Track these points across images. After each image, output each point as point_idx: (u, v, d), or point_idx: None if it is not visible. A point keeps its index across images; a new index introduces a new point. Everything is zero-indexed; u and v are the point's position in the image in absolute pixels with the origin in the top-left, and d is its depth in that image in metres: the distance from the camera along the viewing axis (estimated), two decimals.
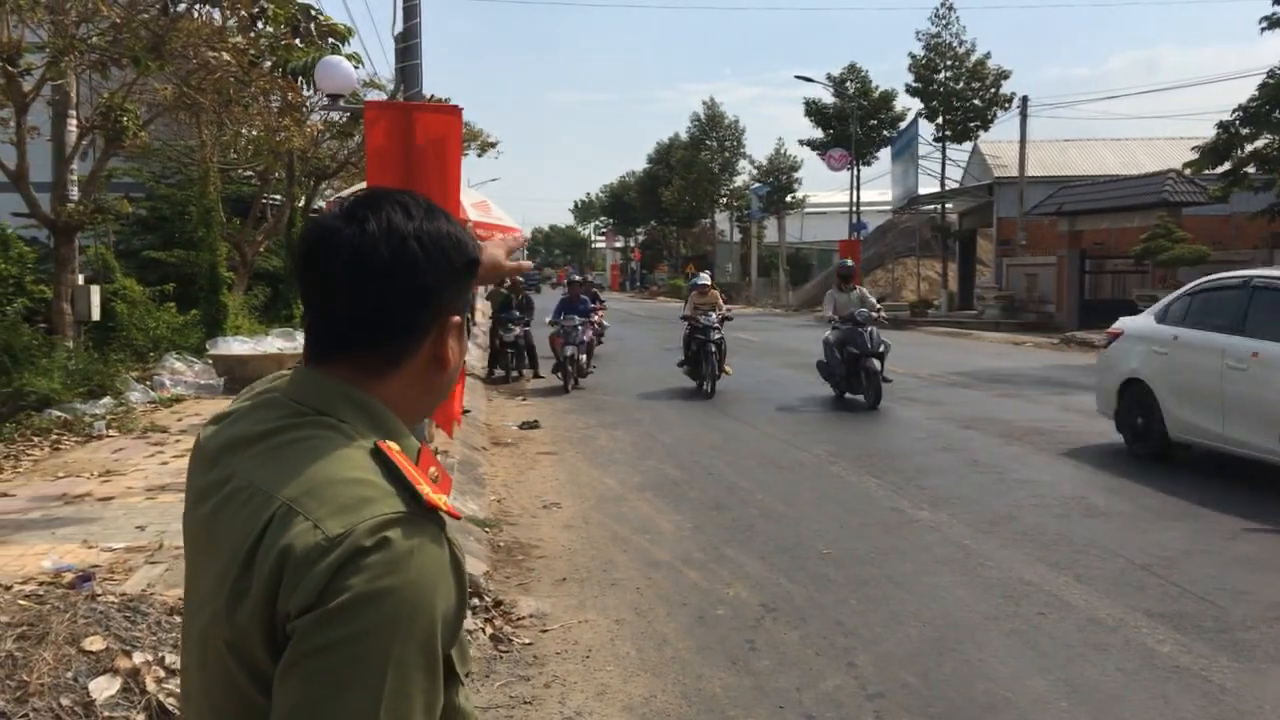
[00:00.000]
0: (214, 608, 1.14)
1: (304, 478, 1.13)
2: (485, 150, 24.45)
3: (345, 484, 1.12)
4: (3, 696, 3.54)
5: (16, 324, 11.71)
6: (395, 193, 1.27)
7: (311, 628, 1.05)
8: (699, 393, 14.78)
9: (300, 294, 1.30)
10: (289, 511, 1.11)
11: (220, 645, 1.13)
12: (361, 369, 1.24)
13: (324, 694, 1.04)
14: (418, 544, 1.10)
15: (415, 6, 9.04)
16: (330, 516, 1.09)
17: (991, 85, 37.61)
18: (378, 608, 1.05)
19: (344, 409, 1.22)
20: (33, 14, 10.66)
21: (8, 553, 5.76)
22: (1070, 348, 24.13)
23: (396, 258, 1.21)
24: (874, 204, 53.03)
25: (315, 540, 1.07)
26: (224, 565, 1.14)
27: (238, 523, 1.15)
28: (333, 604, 1.05)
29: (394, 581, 1.07)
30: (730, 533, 7.28)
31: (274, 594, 1.08)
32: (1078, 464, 9.55)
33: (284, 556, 1.08)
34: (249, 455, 1.21)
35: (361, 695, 1.04)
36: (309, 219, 2.98)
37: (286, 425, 1.21)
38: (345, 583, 1.05)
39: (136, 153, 15.79)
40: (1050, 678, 4.64)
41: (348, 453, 1.17)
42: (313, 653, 1.05)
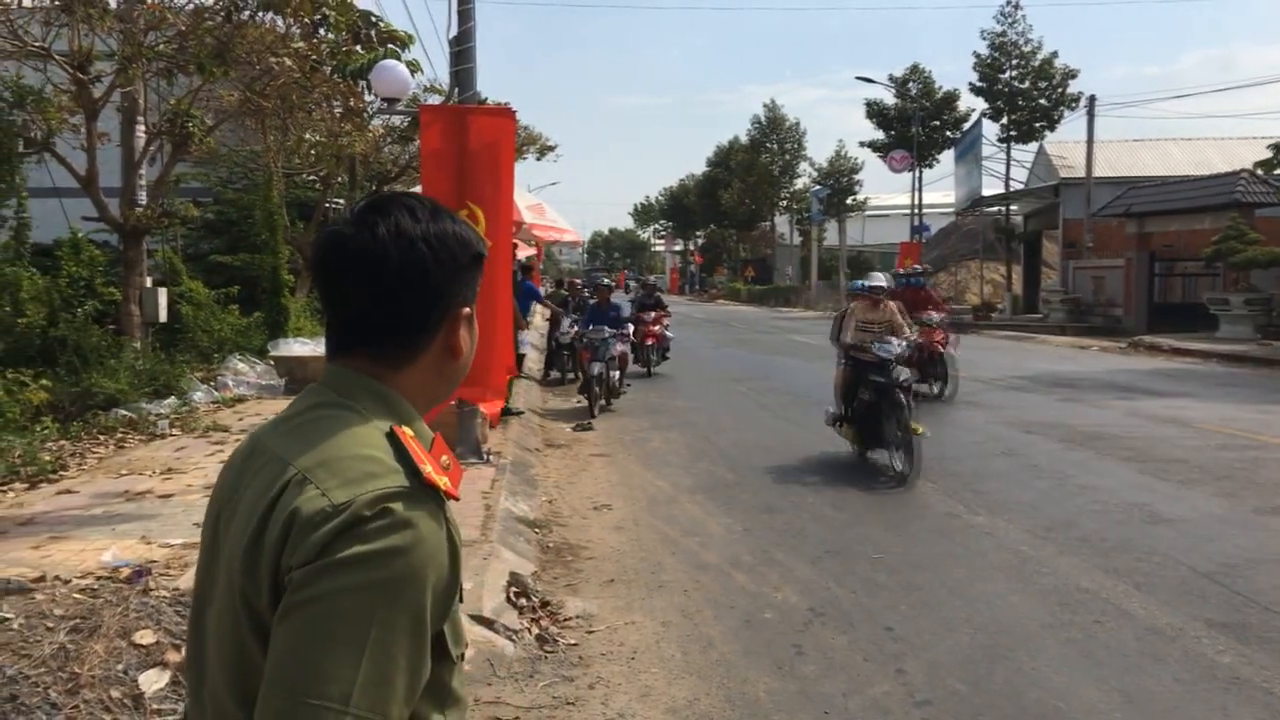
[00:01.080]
0: (234, 565, 1.22)
1: (319, 450, 1.23)
2: (544, 154, 24.53)
3: (355, 459, 1.22)
4: (55, 688, 3.63)
5: (87, 325, 12.01)
6: (402, 196, 1.35)
7: (305, 579, 1.13)
8: (863, 467, 9.67)
9: (319, 296, 1.40)
10: (303, 479, 1.20)
11: (237, 601, 1.21)
12: (380, 361, 1.34)
13: (312, 642, 1.11)
14: (415, 517, 1.18)
15: (470, 10, 9.12)
16: (338, 487, 1.18)
17: (1058, 84, 36.96)
18: (370, 569, 1.13)
19: (363, 397, 1.31)
20: (103, 23, 10.93)
21: (69, 547, 5.90)
22: (1138, 352, 23.62)
23: (406, 260, 1.30)
24: (936, 206, 52.38)
25: (321, 506, 1.16)
26: (243, 524, 1.23)
27: (258, 486, 1.25)
28: (327, 560, 1.13)
29: (388, 547, 1.15)
30: (780, 536, 7.22)
31: (279, 553, 1.17)
32: (1141, 470, 9.32)
33: (291, 519, 1.17)
34: (278, 433, 1.33)
35: (347, 647, 1.11)
36: (322, 226, 3.06)
37: (312, 407, 1.33)
38: (343, 544, 1.14)
39: (203, 158, 16.13)
40: (1105, 687, 4.52)
41: (362, 432, 1.26)
42: (304, 603, 1.13)
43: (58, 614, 4.12)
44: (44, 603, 4.29)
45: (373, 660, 1.11)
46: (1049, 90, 37.08)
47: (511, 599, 5.60)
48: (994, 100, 37.61)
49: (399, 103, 10.68)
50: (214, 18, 11.50)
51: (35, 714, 3.46)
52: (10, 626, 3.98)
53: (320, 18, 12.64)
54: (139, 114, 12.93)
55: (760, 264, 68.72)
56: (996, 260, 42.62)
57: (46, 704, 3.52)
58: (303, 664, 1.10)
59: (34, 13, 11.16)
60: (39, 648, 3.83)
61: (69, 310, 12.12)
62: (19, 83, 11.35)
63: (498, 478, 8.43)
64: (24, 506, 7.14)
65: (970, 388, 15.70)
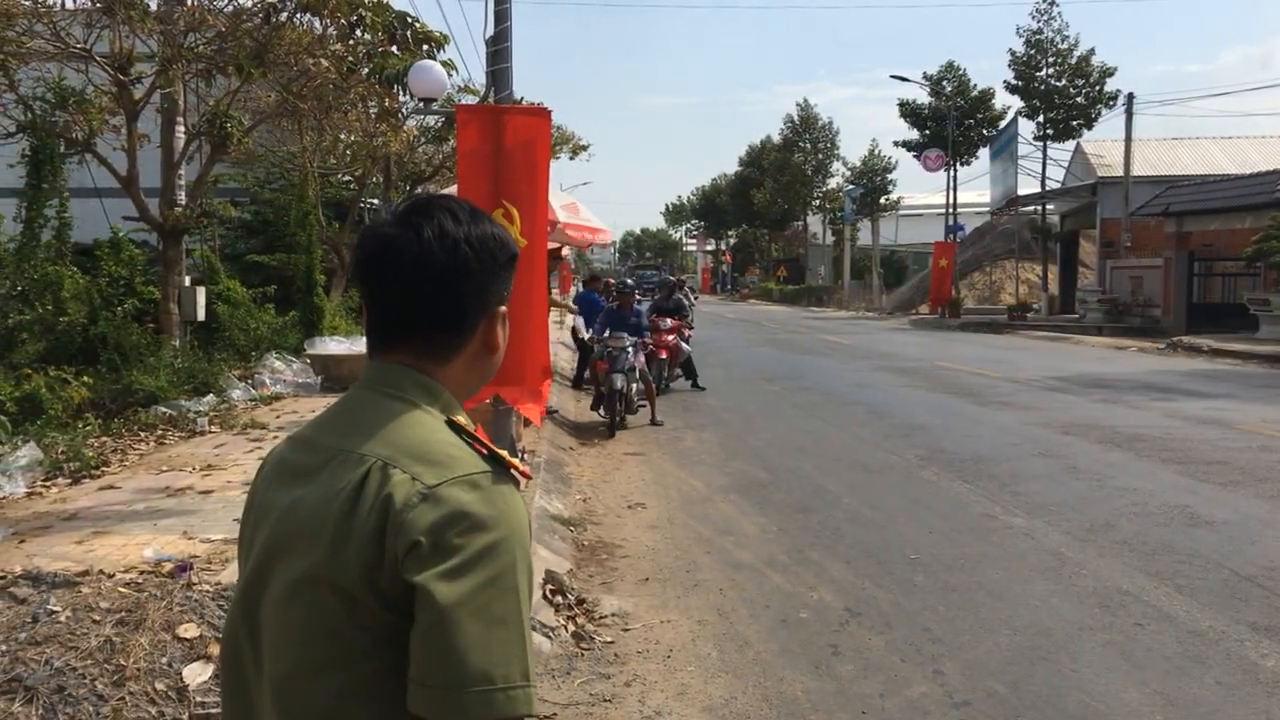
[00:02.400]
0: (313, 559, 1.26)
1: (391, 439, 1.30)
2: (577, 153, 24.62)
3: (432, 444, 1.29)
4: (101, 679, 3.68)
5: (126, 324, 12.16)
6: (442, 199, 1.42)
7: (433, 574, 1.20)
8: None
9: (361, 294, 1.45)
10: (384, 467, 1.26)
11: (322, 591, 1.25)
12: (423, 357, 1.40)
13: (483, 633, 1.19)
14: (509, 492, 1.28)
15: (506, 10, 9.14)
16: (426, 471, 1.25)
17: (1095, 82, 36.50)
18: (504, 552, 1.23)
19: (411, 388, 1.37)
20: (143, 24, 11.07)
21: (111, 542, 5.98)
22: (1177, 353, 23.33)
23: (451, 261, 1.36)
24: (972, 205, 51.94)
25: (415, 489, 1.23)
26: (319, 520, 1.27)
27: (329, 482, 1.29)
28: (454, 559, 1.20)
29: (498, 532, 1.23)
30: (816, 536, 7.20)
31: (379, 539, 1.22)
32: (1181, 472, 9.21)
33: (387, 504, 1.23)
34: (333, 429, 1.38)
35: (508, 628, 1.21)
36: (364, 227, 3.04)
37: (365, 401, 1.38)
38: (453, 531, 1.21)
39: (241, 159, 16.30)
40: (1146, 690, 4.48)
41: (426, 420, 1.34)
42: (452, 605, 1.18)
43: (104, 607, 4.18)
44: (90, 596, 4.35)
45: (523, 633, 1.22)
46: (1086, 88, 36.64)
47: (547, 596, 5.62)
48: (1030, 98, 37.21)
49: (435, 102, 10.73)
50: (252, 19, 11.62)
51: (82, 705, 3.51)
52: (58, 619, 4.04)
53: (356, 19, 12.74)
54: (178, 115, 13.08)
55: (792, 264, 68.47)
56: (1032, 260, 42.20)
57: (93, 695, 3.57)
58: (481, 655, 1.18)
59: (76, 15, 11.32)
60: (85, 640, 3.89)
61: (109, 309, 12.28)
62: (61, 84, 11.54)
63: (532, 476, 8.45)
64: (67, 502, 7.25)
65: (1006, 389, 15.60)
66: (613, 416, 11.81)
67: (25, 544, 6.00)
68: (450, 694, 1.18)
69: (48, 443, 8.48)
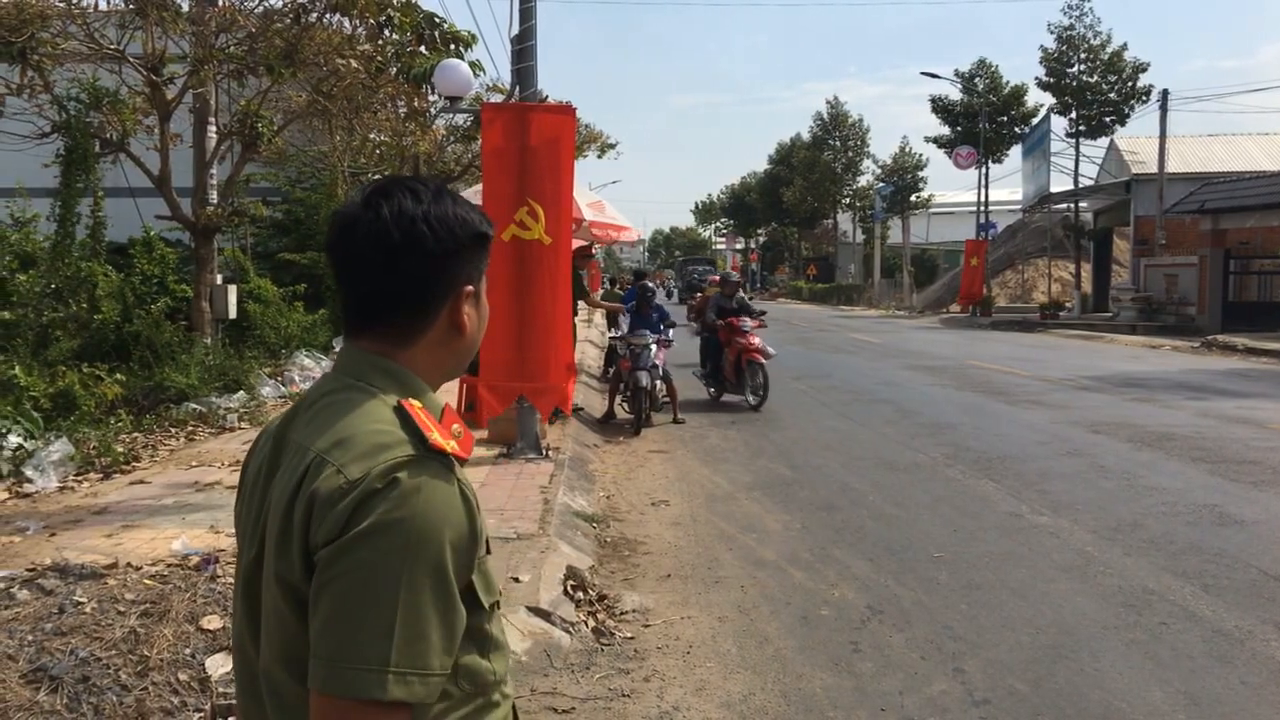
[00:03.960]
0: (271, 550, 1.30)
1: (333, 431, 1.31)
2: (605, 152, 24.61)
3: (366, 434, 1.29)
4: (125, 670, 3.73)
5: (159, 321, 12.31)
6: (407, 180, 1.42)
7: (332, 555, 1.21)
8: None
9: (333, 276, 1.45)
10: (321, 461, 1.28)
11: (275, 583, 1.28)
12: (387, 339, 1.40)
13: (345, 611, 1.20)
14: (424, 481, 1.25)
15: (531, 9, 9.19)
16: (352, 462, 1.26)
17: (1129, 78, 36.10)
18: (388, 537, 1.21)
19: (374, 375, 1.38)
20: (175, 26, 11.21)
21: (140, 536, 6.07)
22: (1212, 352, 23.05)
23: (406, 238, 1.36)
24: (1003, 203, 51.53)
25: (338, 484, 1.24)
26: (276, 513, 1.30)
27: (286, 475, 1.33)
28: (349, 534, 1.21)
29: (402, 513, 1.22)
30: (839, 534, 7.18)
31: (306, 532, 1.25)
32: (1212, 471, 9.10)
33: (313, 499, 1.25)
34: (301, 422, 1.39)
35: (377, 611, 1.19)
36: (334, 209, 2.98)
37: (329, 392, 1.39)
38: (360, 517, 1.21)
39: (272, 158, 16.44)
40: (1169, 689, 4.43)
41: (372, 408, 1.33)
42: (333, 578, 1.21)
43: (129, 599, 4.25)
44: (115, 588, 4.42)
45: (404, 620, 1.19)
46: (1119, 84, 36.25)
47: (569, 592, 5.64)
48: (1062, 95, 36.86)
49: (461, 101, 10.79)
50: (282, 20, 11.73)
51: (106, 695, 3.57)
52: (84, 610, 4.10)
53: (385, 19, 12.83)
54: (210, 115, 13.22)
55: (822, 262, 68.21)
56: (1065, 258, 41.83)
57: (117, 685, 3.63)
58: (340, 633, 1.19)
59: (109, 16, 11.47)
60: (110, 631, 3.95)
61: (142, 307, 12.44)
62: (95, 85, 11.69)
63: (556, 472, 8.48)
64: (98, 496, 7.37)
65: (1036, 387, 15.48)
66: (638, 414, 11.78)
67: (56, 537, 6.10)
68: (318, 664, 1.20)
69: (80, 438, 8.61)
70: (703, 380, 14.34)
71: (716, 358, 13.91)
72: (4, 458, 7.75)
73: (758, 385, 13.21)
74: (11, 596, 4.35)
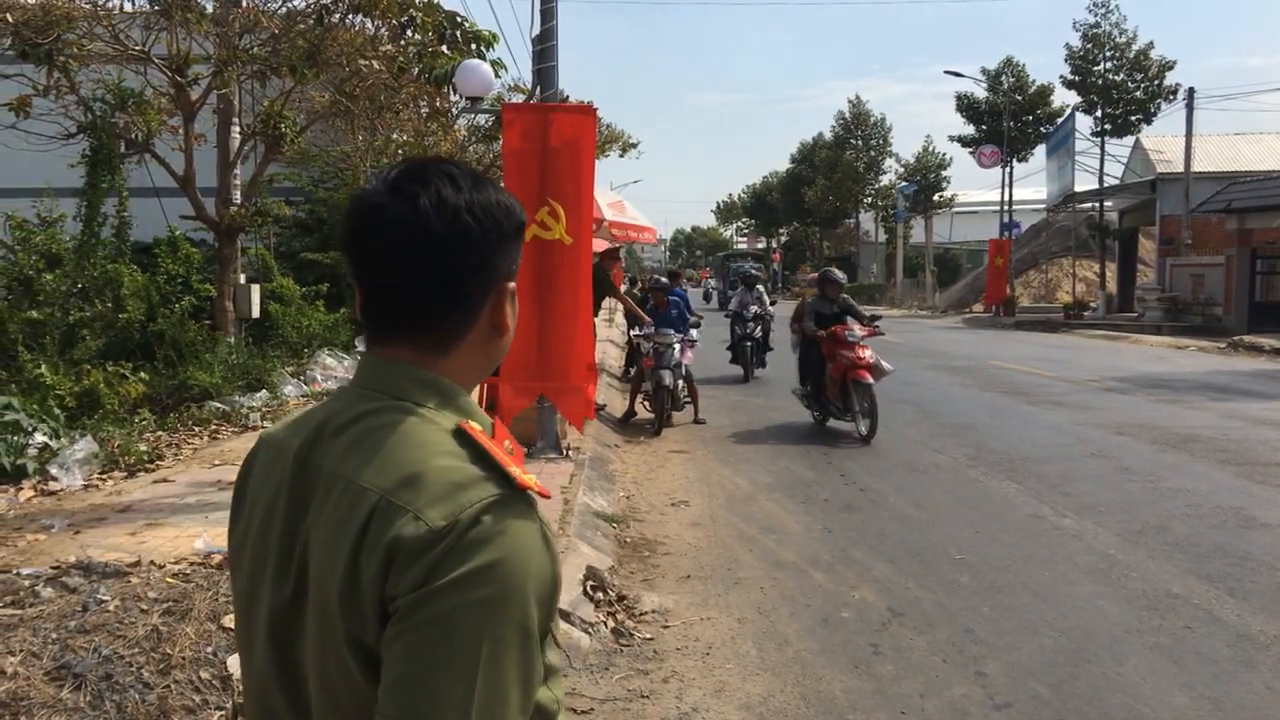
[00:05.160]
0: (331, 605, 1.14)
1: (392, 465, 1.15)
2: (626, 151, 24.60)
3: (436, 471, 1.14)
4: (148, 668, 3.76)
5: (183, 321, 12.40)
6: (440, 163, 1.26)
7: (411, 606, 1.08)
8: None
9: (352, 273, 1.27)
10: (389, 505, 1.12)
11: (342, 641, 1.14)
12: (423, 347, 1.25)
13: (423, 667, 1.07)
14: (512, 525, 1.12)
15: (553, 9, 9.20)
16: (429, 507, 1.11)
17: (1154, 76, 35.84)
18: (472, 588, 1.08)
19: (415, 390, 1.23)
20: (199, 27, 11.27)
21: (163, 534, 6.11)
22: (1238, 352, 22.83)
23: (451, 231, 1.20)
24: (1027, 202, 51.24)
25: (420, 533, 1.09)
26: (329, 561, 1.15)
27: (335, 516, 1.16)
28: (432, 585, 1.07)
29: (488, 563, 1.09)
30: (860, 535, 7.15)
31: (382, 584, 1.10)
32: (1238, 473, 9.01)
33: (392, 550, 1.10)
34: (334, 448, 1.22)
35: (458, 669, 1.07)
36: (353, 195, 2.79)
37: (364, 414, 1.22)
38: (447, 568, 1.08)
39: (295, 158, 16.54)
40: (1193, 694, 4.39)
41: (431, 436, 1.18)
42: (411, 629, 1.08)
43: (151, 597, 4.28)
44: (139, 586, 4.46)
45: (486, 679, 1.08)
46: (1145, 82, 35.98)
47: (588, 592, 5.64)
48: (1087, 93, 36.63)
49: (483, 102, 10.82)
50: (306, 21, 11.78)
51: (129, 692, 3.59)
52: (107, 608, 4.14)
53: (408, 19, 12.87)
54: (234, 115, 13.31)
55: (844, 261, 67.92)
56: (1090, 258, 41.53)
57: (139, 683, 3.65)
58: (417, 691, 1.07)
59: (134, 18, 11.56)
60: (133, 629, 3.97)
61: (167, 306, 12.53)
62: (120, 86, 11.78)
63: (576, 473, 8.49)
64: (122, 494, 7.42)
65: (1060, 388, 15.37)
66: (660, 414, 11.70)
67: (80, 535, 6.15)
68: None
69: (104, 437, 8.68)
70: (803, 400, 12.21)
71: (818, 374, 11.59)
72: (30, 456, 7.82)
73: (865, 410, 10.85)
74: (36, 594, 4.39)
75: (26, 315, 10.94)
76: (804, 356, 11.96)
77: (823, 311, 11.68)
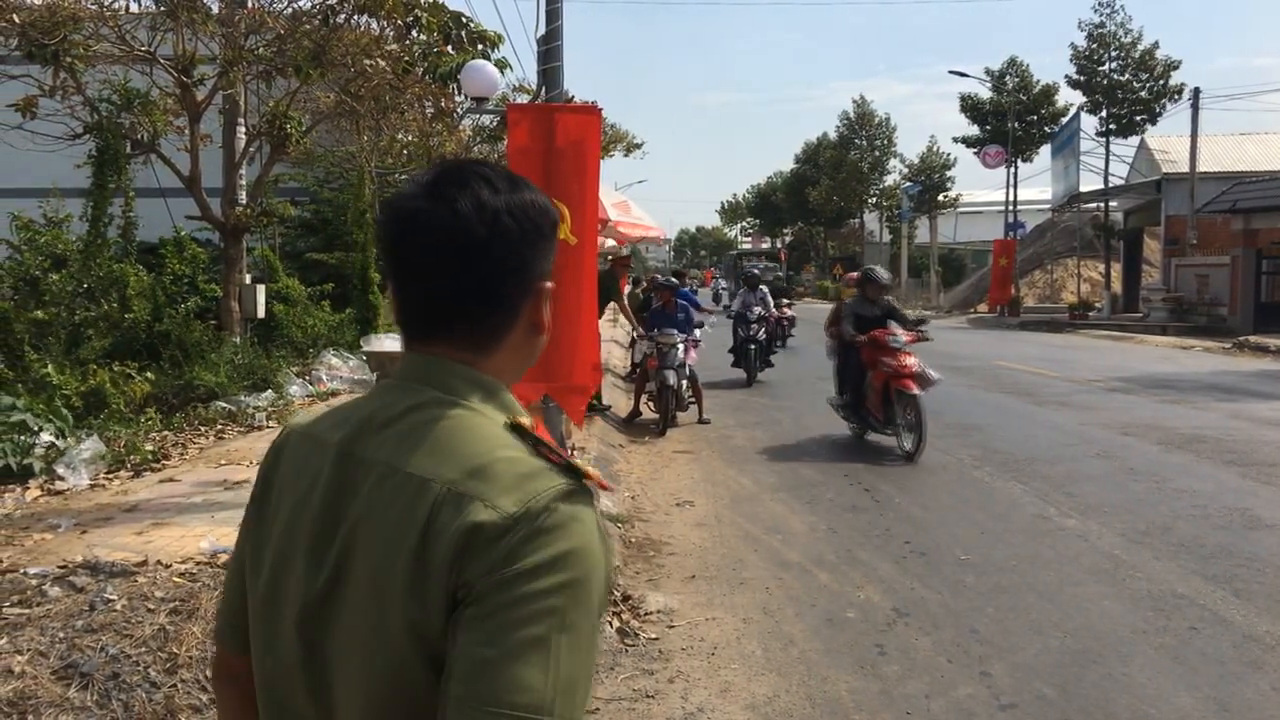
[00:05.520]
0: (389, 602, 1.13)
1: (458, 459, 1.15)
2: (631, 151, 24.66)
3: (500, 461, 1.15)
4: (155, 667, 3.77)
5: (189, 321, 12.43)
6: (474, 165, 1.27)
7: (488, 590, 1.08)
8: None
9: (390, 276, 1.29)
10: (457, 494, 1.12)
11: (397, 632, 1.12)
12: (465, 346, 1.25)
13: (501, 652, 1.07)
14: (581, 513, 1.13)
15: (558, 9, 9.19)
16: (500, 495, 1.11)
17: (1160, 76, 35.77)
18: (552, 574, 1.09)
19: (462, 386, 1.23)
20: (205, 27, 11.30)
21: (170, 534, 6.13)
22: (1244, 353, 22.79)
23: (491, 235, 1.21)
24: (1032, 202, 51.14)
25: (494, 519, 1.10)
26: (399, 554, 1.13)
27: (393, 508, 1.15)
28: (513, 569, 1.08)
29: (566, 550, 1.10)
30: (864, 535, 7.15)
31: (451, 572, 1.10)
32: (1243, 474, 9.00)
33: (465, 536, 1.10)
34: (383, 441, 1.21)
35: (537, 654, 1.07)
36: (388, 199, 2.79)
37: (413, 408, 1.22)
38: (522, 553, 1.09)
39: (300, 159, 16.57)
40: (1199, 695, 4.39)
41: (488, 430, 1.20)
42: (489, 613, 1.07)
43: (158, 596, 4.29)
44: (145, 585, 4.47)
45: (564, 665, 1.08)
46: (1150, 82, 35.91)
47: None
48: (1092, 93, 36.56)
49: (488, 102, 10.83)
50: (311, 21, 11.81)
51: (136, 691, 3.61)
52: (114, 608, 4.15)
53: (413, 19, 12.89)
54: (239, 116, 13.33)
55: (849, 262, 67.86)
56: (1095, 258, 41.45)
57: (146, 682, 3.67)
58: (495, 674, 1.06)
59: (140, 18, 11.59)
60: (140, 628, 3.99)
61: (172, 306, 12.57)
62: (127, 87, 11.82)
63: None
64: (129, 494, 7.44)
65: (1065, 388, 15.35)
66: (664, 414, 11.70)
67: (87, 534, 6.16)
68: (455, 708, 1.06)
69: (111, 436, 8.70)
70: (839, 411, 11.23)
71: (858, 383, 10.57)
72: (36, 455, 7.84)
73: (909, 423, 9.83)
74: (44, 593, 4.40)
75: (32, 315, 10.98)
76: (842, 363, 10.97)
77: (863, 314, 10.60)
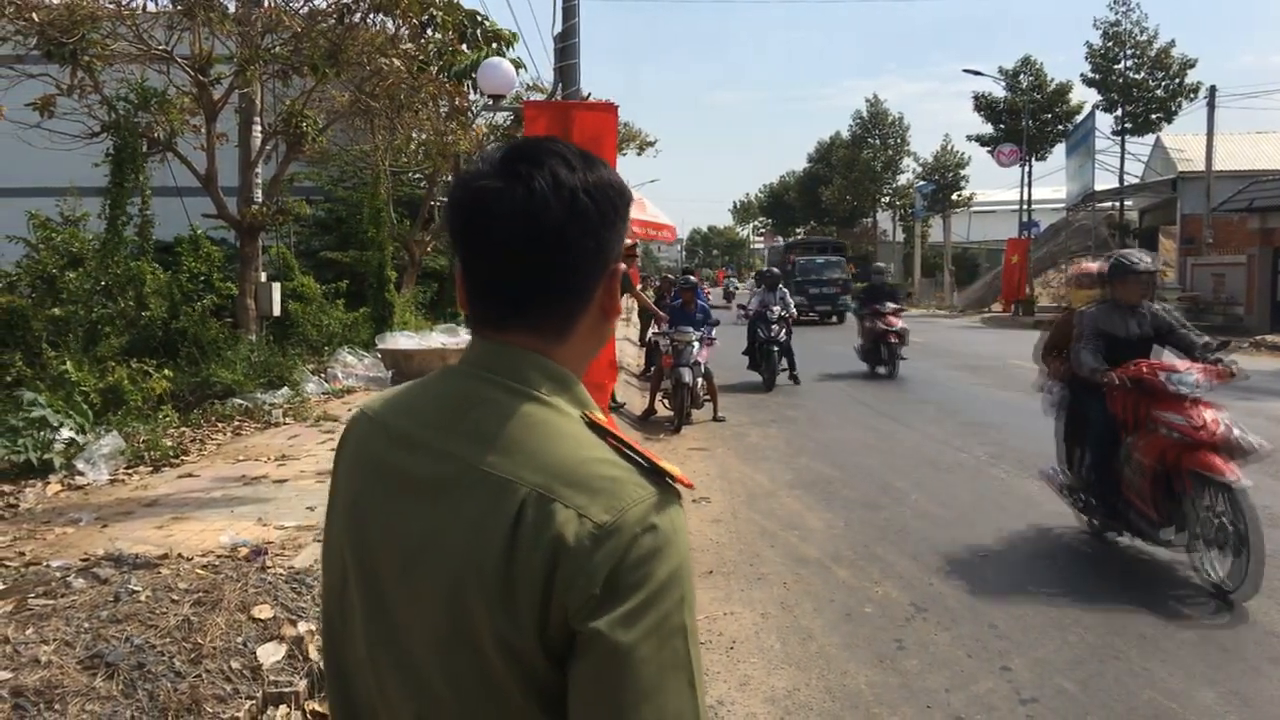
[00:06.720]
0: (470, 610, 1.09)
1: (540, 459, 1.10)
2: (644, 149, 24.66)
3: (587, 464, 1.10)
4: (179, 657, 3.79)
5: (205, 318, 12.49)
6: (549, 142, 1.20)
7: (595, 638, 1.04)
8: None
9: (461, 259, 1.21)
10: (544, 500, 1.07)
11: (480, 641, 1.09)
12: (540, 333, 1.19)
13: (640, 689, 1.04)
14: (677, 521, 1.10)
15: (574, 7, 9.23)
16: (591, 503, 1.07)
17: (1175, 75, 35.68)
18: (669, 593, 1.06)
19: (535, 376, 1.17)
20: (222, 26, 11.35)
21: (190, 528, 6.16)
22: (1260, 352, 22.67)
23: (571, 215, 1.15)
24: (1047, 201, 50.99)
25: (586, 530, 1.05)
26: (467, 557, 1.09)
27: (472, 508, 1.11)
28: (618, 611, 1.04)
29: (673, 564, 1.07)
30: (882, 532, 7.14)
31: (549, 587, 1.05)
32: (1261, 471, 8.93)
33: (556, 548, 1.05)
34: (446, 429, 1.17)
35: (674, 684, 1.05)
36: (459, 178, 2.65)
37: (485, 399, 1.16)
38: (631, 574, 1.05)
39: (315, 157, 16.63)
40: (1221, 689, 4.37)
41: (569, 428, 1.14)
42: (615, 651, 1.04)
43: (182, 588, 4.31)
44: (169, 577, 4.49)
45: (683, 675, 1.07)
46: (1166, 80, 35.81)
47: None
48: (1108, 92, 36.49)
49: (503, 99, 10.85)
50: (327, 20, 11.85)
51: (160, 681, 3.63)
52: (139, 599, 4.17)
53: (428, 18, 12.93)
54: (256, 115, 13.39)
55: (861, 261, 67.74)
56: None
57: (171, 672, 3.69)
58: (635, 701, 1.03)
59: (157, 18, 11.65)
60: (164, 619, 4.01)
61: (189, 304, 12.62)
62: (144, 86, 11.87)
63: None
64: (148, 489, 7.48)
65: None
66: (680, 411, 11.71)
67: (108, 528, 6.21)
68: None
69: (129, 432, 8.75)
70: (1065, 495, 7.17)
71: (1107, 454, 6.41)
72: (56, 451, 7.89)
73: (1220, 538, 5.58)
74: (68, 585, 4.43)
75: (50, 313, 11.04)
76: (1074, 417, 7.10)
77: (1113, 333, 6.53)
